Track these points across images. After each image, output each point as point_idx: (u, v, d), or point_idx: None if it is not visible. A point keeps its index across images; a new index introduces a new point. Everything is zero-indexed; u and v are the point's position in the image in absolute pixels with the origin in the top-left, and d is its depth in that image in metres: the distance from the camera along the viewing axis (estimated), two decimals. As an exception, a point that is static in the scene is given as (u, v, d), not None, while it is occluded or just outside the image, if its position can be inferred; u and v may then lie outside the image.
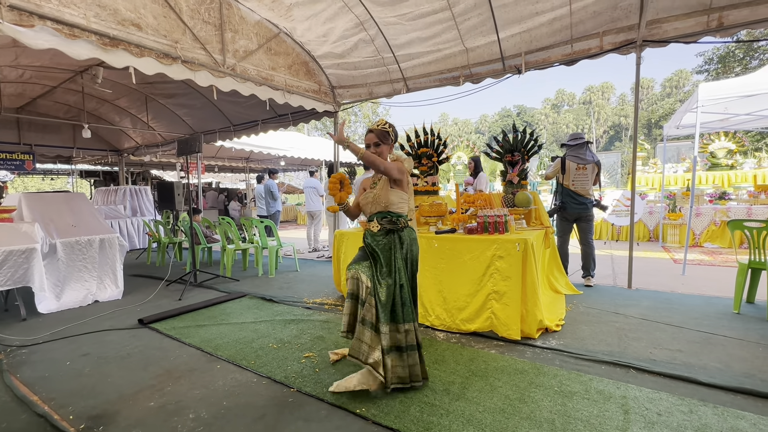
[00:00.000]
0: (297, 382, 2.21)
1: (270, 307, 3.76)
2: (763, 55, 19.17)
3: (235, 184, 19.11)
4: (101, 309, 3.82)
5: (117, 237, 4.36)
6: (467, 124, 48.90)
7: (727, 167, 8.72)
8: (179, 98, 6.71)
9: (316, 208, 7.60)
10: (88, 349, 2.81)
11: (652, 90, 42.24)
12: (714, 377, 2.13)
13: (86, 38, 3.10)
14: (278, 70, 4.90)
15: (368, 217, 2.28)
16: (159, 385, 2.25)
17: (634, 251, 4.21)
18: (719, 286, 4.04)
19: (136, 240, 8.28)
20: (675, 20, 3.66)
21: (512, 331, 2.68)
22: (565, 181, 4.24)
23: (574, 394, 2.01)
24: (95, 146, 9.51)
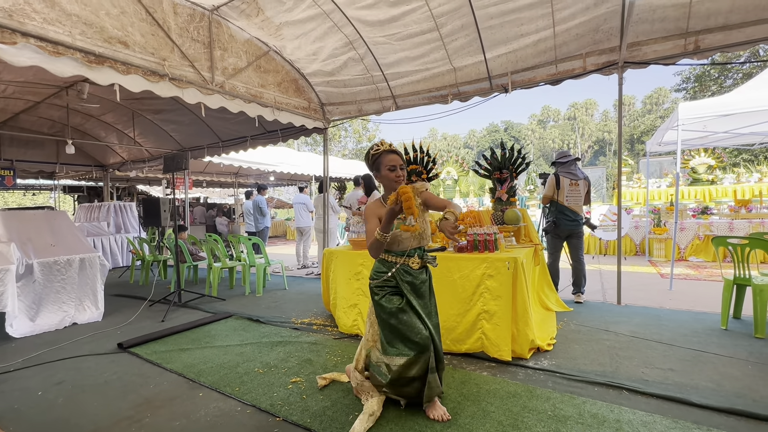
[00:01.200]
0: (283, 411, 2.13)
1: (257, 328, 3.66)
2: (736, 75, 20.03)
3: (223, 199, 18.91)
4: (79, 332, 3.67)
5: (98, 256, 4.23)
6: (456, 139, 49.66)
7: (707, 182, 8.97)
8: (167, 114, 6.65)
9: (306, 224, 7.54)
10: (63, 377, 2.67)
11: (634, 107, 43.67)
12: (706, 398, 2.11)
13: (71, 56, 3.06)
14: (268, 87, 4.91)
15: (405, 252, 2.03)
16: (137, 416, 2.13)
17: (622, 266, 4.24)
18: (706, 301, 4.08)
19: (119, 258, 8.06)
20: (654, 43, 3.80)
21: (503, 352, 2.64)
22: (560, 197, 4.27)
23: (567, 419, 1.97)
24: (79, 161, 9.33)
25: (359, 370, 2.22)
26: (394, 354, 1.99)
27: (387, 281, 2.04)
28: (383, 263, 2.07)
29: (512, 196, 3.89)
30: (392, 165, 2.02)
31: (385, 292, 2.04)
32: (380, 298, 2.03)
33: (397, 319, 1.99)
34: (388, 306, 2.01)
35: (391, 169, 2.01)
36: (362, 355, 2.21)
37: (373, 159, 2.07)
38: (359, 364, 2.22)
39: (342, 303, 3.50)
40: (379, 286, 2.06)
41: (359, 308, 3.35)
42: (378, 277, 2.06)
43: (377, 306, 2.05)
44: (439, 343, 2.07)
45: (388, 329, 2.03)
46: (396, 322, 1.99)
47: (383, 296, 2.03)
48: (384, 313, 2.02)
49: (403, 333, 1.98)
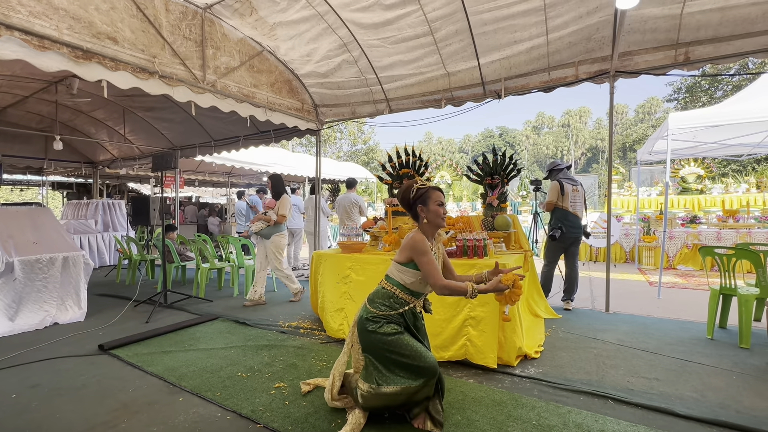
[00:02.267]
0: (264, 417, 2.08)
1: (243, 330, 3.60)
2: (726, 86, 20.39)
3: (216, 198, 18.75)
4: (60, 332, 3.58)
5: (82, 255, 4.14)
6: (451, 143, 49.85)
7: (697, 191, 9.08)
8: (158, 112, 6.57)
9: (297, 225, 7.48)
10: (39, 380, 2.60)
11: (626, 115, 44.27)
12: (690, 408, 2.11)
13: (57, 50, 3.00)
14: (261, 87, 4.87)
15: (422, 295, 2.06)
16: (113, 422, 2.08)
17: (612, 273, 4.27)
18: (693, 310, 4.11)
19: (106, 256, 7.93)
20: (645, 53, 3.83)
21: (489, 359, 2.62)
22: (564, 203, 4.24)
23: (552, 428, 1.95)
24: (69, 158, 9.19)
25: (333, 395, 2.12)
26: (398, 383, 1.91)
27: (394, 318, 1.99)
28: (396, 300, 2.00)
29: (503, 202, 3.89)
30: (441, 201, 2.03)
31: (383, 323, 1.96)
32: (378, 327, 1.95)
33: (400, 346, 1.92)
34: (388, 331, 1.93)
35: (440, 204, 2.02)
36: (336, 384, 2.12)
37: (419, 192, 2.04)
38: (334, 390, 2.12)
39: (330, 306, 3.46)
40: (380, 322, 1.97)
41: (345, 312, 3.32)
42: (385, 312, 1.98)
43: (374, 336, 1.95)
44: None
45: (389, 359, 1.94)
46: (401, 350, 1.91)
47: (381, 325, 1.95)
48: (382, 343, 1.93)
49: (406, 362, 1.91)
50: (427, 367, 1.91)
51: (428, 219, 2.03)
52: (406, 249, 1.98)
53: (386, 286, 2.04)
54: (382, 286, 2.07)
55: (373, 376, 1.96)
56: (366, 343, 2.01)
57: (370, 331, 1.97)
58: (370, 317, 1.99)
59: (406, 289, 2.00)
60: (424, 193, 2.03)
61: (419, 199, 2.03)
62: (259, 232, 4.66)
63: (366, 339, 2.00)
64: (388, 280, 2.05)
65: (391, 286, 2.02)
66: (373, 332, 1.96)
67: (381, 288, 2.07)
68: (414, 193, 2.04)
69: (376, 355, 1.98)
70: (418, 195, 2.03)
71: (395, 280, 2.02)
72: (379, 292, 2.07)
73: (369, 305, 2.04)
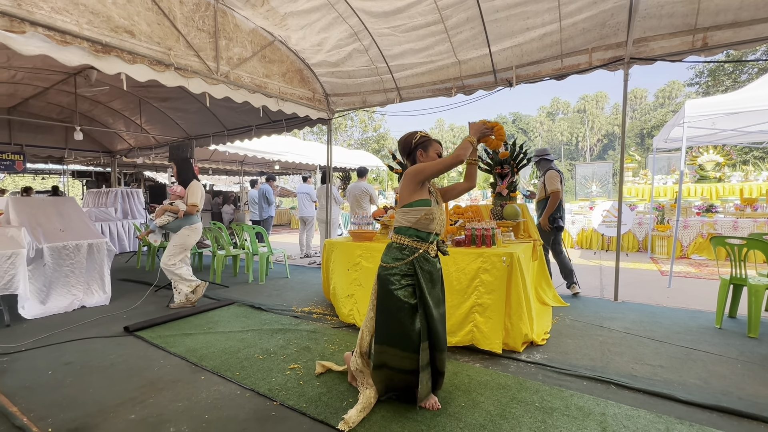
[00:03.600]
0: (280, 395, 2.21)
1: (258, 315, 3.76)
2: (751, 70, 19.56)
3: (229, 186, 19.05)
4: (87, 315, 3.79)
5: (105, 242, 4.33)
6: (463, 130, 49.20)
7: (715, 180, 8.87)
8: (173, 102, 6.69)
9: (309, 213, 7.61)
10: (72, 358, 2.79)
11: (645, 100, 42.89)
12: (692, 394, 2.16)
13: (78, 45, 3.11)
14: (272, 77, 4.92)
15: (430, 236, 2.05)
16: (141, 397, 2.23)
17: (624, 262, 4.29)
18: (703, 300, 4.10)
19: (126, 243, 8.21)
20: (661, 39, 3.75)
21: (494, 345, 2.70)
22: (562, 192, 4.31)
23: (554, 411, 2.03)
24: (88, 147, 9.44)
25: (361, 354, 2.18)
26: (387, 343, 2.02)
27: (406, 270, 2.01)
28: (403, 249, 2.03)
29: (513, 191, 3.91)
30: (440, 152, 2.16)
31: (402, 284, 1.99)
32: (396, 289, 1.98)
33: (403, 314, 1.98)
34: (403, 299, 1.98)
35: (438, 154, 2.15)
36: (365, 339, 2.17)
37: (422, 139, 2.16)
38: (362, 348, 2.18)
39: (341, 293, 3.58)
40: (396, 274, 2.00)
41: (355, 299, 3.43)
42: (397, 263, 2.01)
43: (389, 295, 2.00)
44: (442, 332, 2.08)
45: (391, 319, 2.01)
46: (401, 316, 1.98)
47: (400, 288, 1.99)
48: (393, 304, 1.99)
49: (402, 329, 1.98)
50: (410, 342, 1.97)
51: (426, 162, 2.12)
52: (407, 183, 2.06)
53: (394, 239, 2.10)
54: (390, 242, 2.14)
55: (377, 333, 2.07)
56: (378, 298, 2.08)
57: (388, 290, 2.01)
58: (387, 274, 2.04)
59: (413, 232, 2.03)
60: (425, 141, 2.16)
61: (420, 145, 2.16)
62: (165, 225, 4.03)
63: (379, 294, 2.07)
64: (395, 233, 2.11)
65: (399, 237, 2.07)
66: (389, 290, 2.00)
67: (389, 244, 2.13)
68: (417, 139, 2.17)
69: (381, 312, 2.06)
70: (421, 141, 2.16)
71: (401, 228, 2.07)
72: (387, 248, 2.12)
73: (382, 262, 2.10)
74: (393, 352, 2.01)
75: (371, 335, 2.16)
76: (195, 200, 4.05)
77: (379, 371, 2.06)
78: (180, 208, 4.01)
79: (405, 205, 2.06)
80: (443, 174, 2.17)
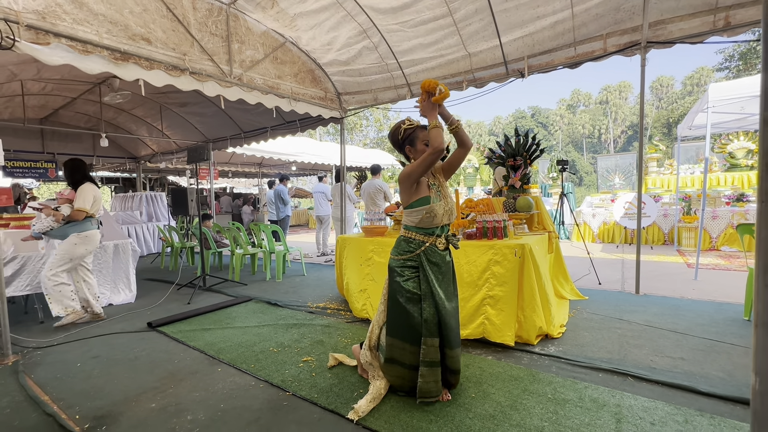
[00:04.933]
0: (293, 386, 2.26)
1: (274, 311, 3.84)
2: (788, 50, 18.45)
3: (248, 188, 19.48)
4: (114, 312, 3.97)
5: (130, 242, 4.52)
6: (480, 126, 48.57)
7: (747, 168, 8.43)
8: (192, 107, 6.91)
9: (325, 212, 7.70)
10: (99, 352, 2.93)
11: (672, 88, 41.12)
12: (715, 387, 2.08)
13: (99, 53, 3.25)
14: (284, 78, 5.01)
15: (435, 230, 2.04)
16: (162, 387, 2.33)
17: (648, 255, 4.16)
18: (732, 292, 3.92)
19: (151, 245, 8.53)
20: (680, 21, 3.60)
21: (506, 337, 2.67)
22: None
23: (567, 402, 1.99)
24: (114, 154, 9.87)
25: (370, 347, 2.22)
26: (396, 336, 2.04)
27: (412, 261, 2.04)
28: (410, 243, 2.05)
29: (526, 183, 3.85)
30: (427, 141, 2.01)
31: (408, 276, 2.03)
32: (404, 281, 2.02)
33: (410, 305, 2.00)
34: (410, 289, 2.01)
35: (427, 144, 2.02)
36: (375, 333, 2.21)
37: (407, 133, 2.08)
38: (371, 341, 2.22)
39: (354, 288, 3.62)
40: (404, 266, 2.04)
41: (368, 293, 3.45)
42: (404, 255, 2.04)
43: (398, 286, 2.03)
44: (455, 326, 2.07)
45: (398, 310, 2.04)
46: (408, 307, 2.00)
47: (408, 279, 2.02)
48: (401, 296, 2.01)
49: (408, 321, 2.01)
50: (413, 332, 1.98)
51: (415, 158, 2.06)
52: (401, 191, 2.06)
53: (403, 233, 2.13)
54: (399, 237, 2.16)
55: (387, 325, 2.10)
56: (388, 290, 2.11)
57: (395, 281, 2.05)
58: (395, 266, 2.08)
59: (418, 228, 2.06)
60: (411, 134, 2.06)
61: (407, 140, 2.08)
62: (49, 233, 3.49)
63: (389, 286, 2.11)
64: (404, 229, 2.13)
65: (407, 231, 2.10)
66: (397, 282, 2.04)
67: (398, 238, 2.15)
68: (402, 134, 2.08)
69: (391, 304, 2.09)
70: (406, 136, 2.07)
71: (408, 225, 2.10)
72: (396, 242, 2.15)
73: (391, 253, 2.14)
74: (401, 345, 2.03)
75: (380, 328, 2.19)
76: (83, 204, 3.51)
77: (390, 365, 2.07)
78: (62, 213, 3.47)
79: (407, 206, 2.08)
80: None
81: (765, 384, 0.84)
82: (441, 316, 2.00)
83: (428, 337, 1.97)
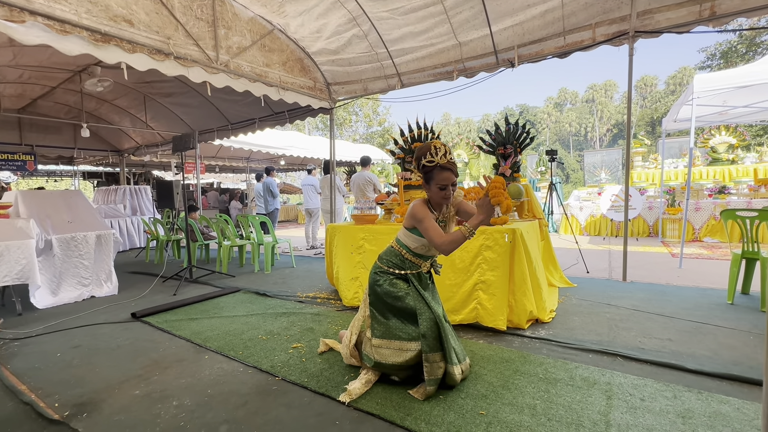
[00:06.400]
0: (282, 371, 2.22)
1: (263, 301, 3.77)
2: (767, 50, 18.99)
3: (236, 184, 19.20)
4: (96, 304, 3.85)
5: (113, 233, 4.39)
6: (470, 123, 48.85)
7: (728, 162, 8.65)
8: (177, 97, 6.75)
9: (315, 205, 7.62)
10: (80, 342, 2.83)
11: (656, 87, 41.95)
12: (702, 365, 2.11)
13: (77, 34, 3.13)
14: (272, 66, 4.92)
15: (427, 258, 2.10)
16: (146, 375, 2.26)
17: (633, 246, 4.22)
18: (715, 279, 4.01)
19: (136, 238, 8.33)
20: (667, 10, 3.64)
21: (498, 322, 2.67)
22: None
23: (558, 381, 2.00)
24: (96, 146, 9.60)
25: (351, 350, 2.21)
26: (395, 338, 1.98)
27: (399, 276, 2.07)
28: (403, 261, 2.08)
29: (516, 172, 3.85)
30: (443, 184, 1.92)
31: (388, 278, 2.06)
32: (384, 283, 2.05)
33: (402, 303, 1.99)
34: (392, 290, 2.02)
35: (441, 188, 1.93)
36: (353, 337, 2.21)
37: (425, 170, 1.95)
38: (351, 343, 2.21)
39: (344, 276, 3.57)
40: (389, 275, 2.07)
41: (360, 281, 3.42)
42: (392, 268, 2.07)
43: (381, 291, 2.05)
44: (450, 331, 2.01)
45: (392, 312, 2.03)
46: (401, 305, 1.99)
47: (388, 281, 2.05)
48: (389, 298, 2.02)
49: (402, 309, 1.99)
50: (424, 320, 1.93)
51: (430, 197, 2.02)
52: (408, 217, 2.02)
53: (395, 246, 2.12)
54: (392, 246, 2.15)
55: (374, 329, 2.06)
56: (374, 295, 2.10)
57: (378, 283, 2.07)
58: (379, 272, 2.10)
59: (411, 252, 2.07)
60: (429, 172, 1.94)
61: (425, 175, 1.98)
62: None
63: (374, 291, 2.10)
64: (397, 242, 2.12)
65: (399, 247, 2.10)
66: (379, 285, 2.06)
67: (391, 247, 2.16)
68: (421, 168, 1.97)
69: (378, 308, 2.08)
70: (424, 171, 1.97)
71: (402, 243, 2.09)
72: (388, 250, 2.16)
73: (378, 261, 2.14)
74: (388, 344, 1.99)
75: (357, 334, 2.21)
76: None
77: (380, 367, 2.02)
78: None
79: (407, 228, 2.05)
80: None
81: None
82: (434, 315, 1.96)
83: (430, 353, 1.90)
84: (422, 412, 1.76)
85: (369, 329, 2.10)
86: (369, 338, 2.08)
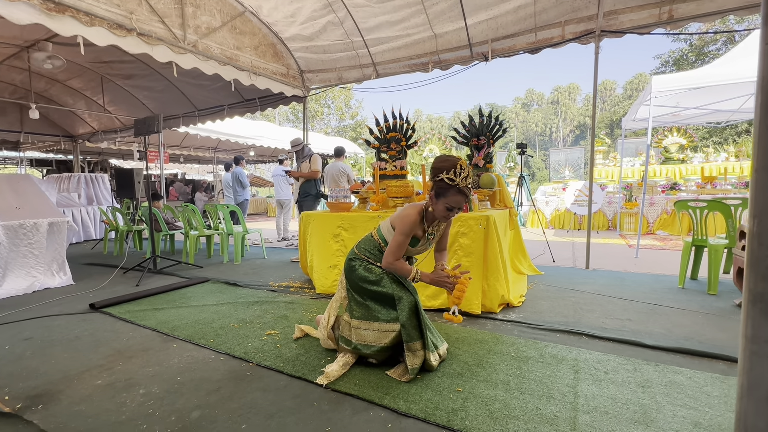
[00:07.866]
0: (257, 357, 2.16)
1: (233, 290, 3.66)
2: (712, 60, 20.51)
3: (202, 175, 18.45)
4: (49, 296, 3.59)
5: (67, 221, 4.10)
6: (441, 120, 49.51)
7: (678, 161, 9.29)
8: (138, 80, 6.38)
9: (286, 196, 7.47)
10: (31, 334, 2.63)
11: (615, 92, 44.35)
12: (658, 341, 2.26)
13: (28, 1, 2.88)
14: (244, 50, 4.75)
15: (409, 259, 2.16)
16: (108, 365, 2.13)
17: (594, 238, 4.44)
18: (667, 266, 4.31)
19: (92, 230, 7.83)
20: (630, 12, 3.84)
21: (473, 306, 2.74)
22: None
23: (529, 359, 2.08)
24: (46, 131, 8.91)
25: (328, 332, 2.18)
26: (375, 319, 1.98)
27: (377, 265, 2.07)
28: (380, 252, 2.08)
29: (489, 163, 3.94)
30: (451, 206, 1.91)
31: (363, 263, 2.07)
32: (360, 268, 2.05)
33: (379, 287, 1.99)
34: (368, 275, 2.02)
35: (449, 208, 1.92)
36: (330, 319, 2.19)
37: (442, 185, 1.90)
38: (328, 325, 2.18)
39: (321, 264, 3.53)
40: (368, 263, 2.07)
41: (339, 268, 3.39)
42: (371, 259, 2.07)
43: (356, 277, 2.05)
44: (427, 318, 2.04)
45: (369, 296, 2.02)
46: (378, 289, 1.99)
47: (363, 266, 2.05)
48: (365, 282, 2.02)
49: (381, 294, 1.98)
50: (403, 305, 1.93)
51: (432, 209, 1.99)
52: (397, 217, 2.01)
53: (375, 237, 2.11)
54: (371, 235, 2.14)
55: (353, 311, 2.05)
56: (351, 281, 2.09)
57: (354, 269, 2.06)
58: (355, 258, 2.09)
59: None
60: (444, 188, 1.90)
61: (438, 189, 1.93)
62: None
63: (350, 277, 2.08)
64: (378, 232, 2.11)
65: (379, 239, 2.09)
66: (355, 270, 2.05)
67: (370, 236, 2.15)
68: (439, 179, 1.91)
69: (357, 290, 2.07)
70: (438, 187, 1.92)
71: (383, 236, 2.08)
72: (367, 239, 2.15)
73: (356, 248, 2.13)
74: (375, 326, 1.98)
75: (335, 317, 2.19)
76: None
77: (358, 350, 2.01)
78: None
79: (392, 224, 2.04)
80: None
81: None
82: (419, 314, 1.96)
83: (410, 342, 1.90)
84: (400, 391, 1.78)
85: (347, 312, 2.09)
86: (348, 320, 2.07)
